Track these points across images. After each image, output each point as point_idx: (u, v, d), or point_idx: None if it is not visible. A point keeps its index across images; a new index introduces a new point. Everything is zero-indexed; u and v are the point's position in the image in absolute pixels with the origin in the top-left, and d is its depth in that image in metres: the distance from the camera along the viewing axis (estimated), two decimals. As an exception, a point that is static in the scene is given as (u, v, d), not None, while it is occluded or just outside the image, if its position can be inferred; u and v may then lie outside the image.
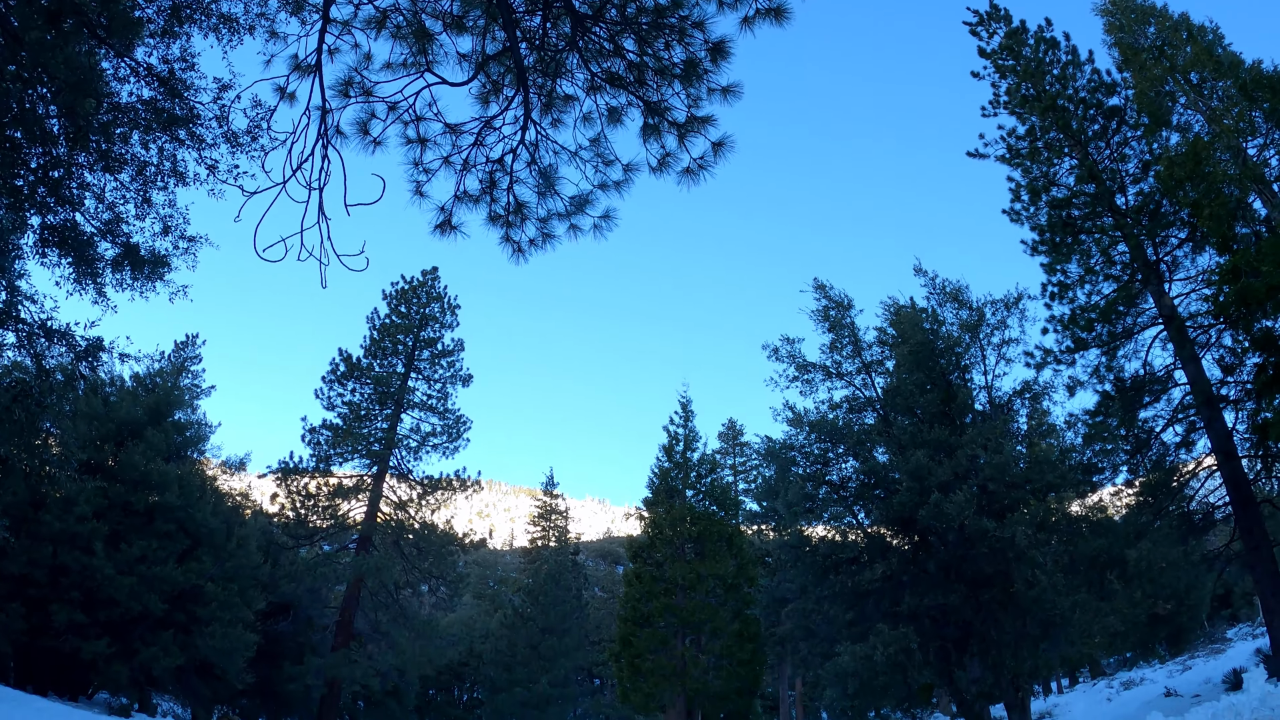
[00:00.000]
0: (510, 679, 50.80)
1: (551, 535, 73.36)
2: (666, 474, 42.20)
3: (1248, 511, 20.65)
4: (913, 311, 24.76)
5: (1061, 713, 33.00)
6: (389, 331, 38.21)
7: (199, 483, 28.27)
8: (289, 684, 31.02)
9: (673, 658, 38.02)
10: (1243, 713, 10.21)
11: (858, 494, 24.44)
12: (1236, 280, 17.73)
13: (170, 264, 14.92)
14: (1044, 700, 42.64)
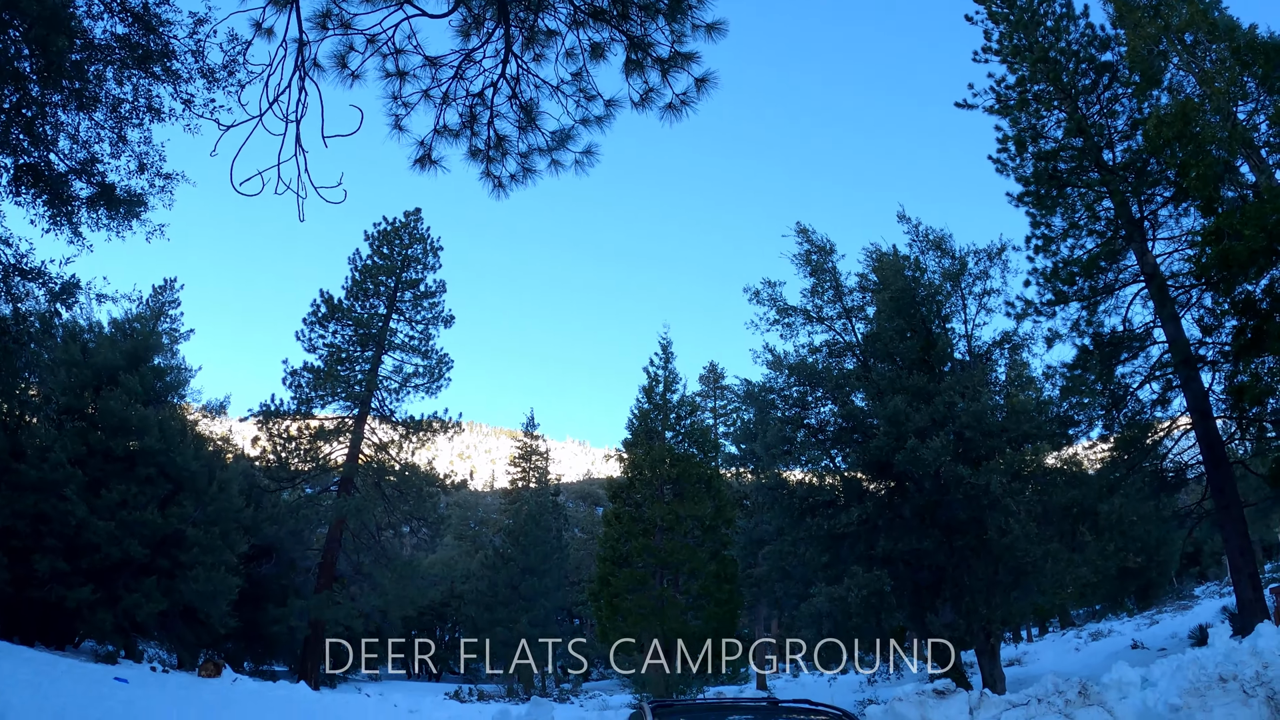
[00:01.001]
0: (491, 619, 51.37)
1: (532, 476, 73.74)
2: (646, 415, 42.38)
3: (1220, 471, 21.05)
4: (895, 259, 24.72)
5: (1031, 660, 33.73)
6: (371, 272, 37.97)
7: (179, 427, 28.10)
8: (273, 626, 31.26)
9: (651, 597, 38.52)
10: (1206, 666, 10.49)
11: (835, 438, 24.59)
12: (1219, 242, 17.83)
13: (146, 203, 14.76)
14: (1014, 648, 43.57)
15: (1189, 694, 10.16)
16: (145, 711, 13.44)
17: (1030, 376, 24.69)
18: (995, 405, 22.39)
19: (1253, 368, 18.87)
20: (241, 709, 16.52)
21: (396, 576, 35.64)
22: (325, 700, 21.55)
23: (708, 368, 61.89)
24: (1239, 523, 20.90)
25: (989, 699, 11.85)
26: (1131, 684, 11.99)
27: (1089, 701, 10.81)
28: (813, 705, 6.37)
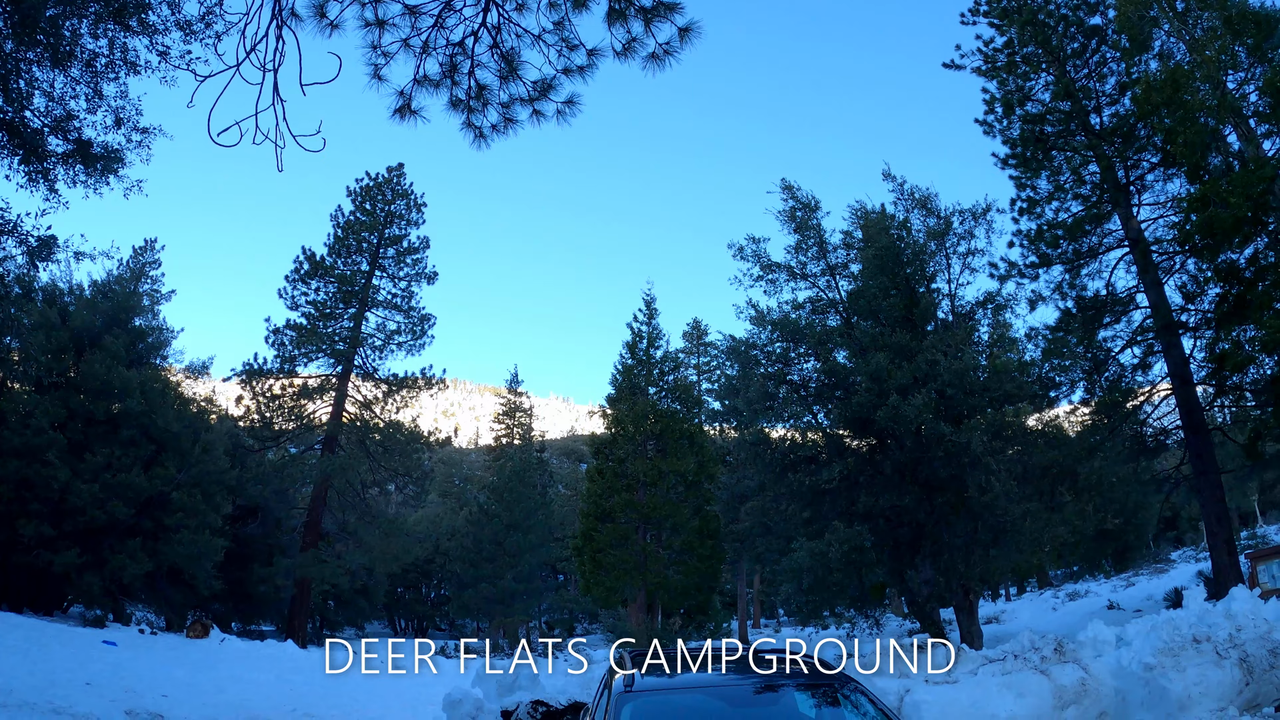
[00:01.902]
0: (476, 575, 51.61)
1: (516, 433, 73.86)
2: (630, 371, 42.42)
3: (1199, 437, 21.31)
4: (880, 217, 24.67)
5: (1009, 619, 34.31)
6: (353, 229, 37.67)
7: (162, 389, 28.08)
8: (259, 585, 31.41)
9: (634, 552, 38.77)
10: (1180, 627, 10.68)
11: (818, 394, 24.62)
12: (1204, 209, 17.87)
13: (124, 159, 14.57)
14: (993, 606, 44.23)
15: (1163, 654, 10.34)
16: (134, 673, 13.54)
17: (1013, 338, 24.78)
18: (977, 365, 22.44)
19: (1234, 335, 19.00)
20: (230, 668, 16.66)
21: (382, 534, 35.77)
22: (313, 657, 21.71)
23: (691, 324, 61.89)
24: (1216, 489, 21.20)
25: (966, 653, 12.03)
26: (1106, 643, 12.17)
27: (1064, 659, 10.99)
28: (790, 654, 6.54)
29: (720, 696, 5.73)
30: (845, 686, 5.56)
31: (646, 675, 5.74)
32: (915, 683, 10.99)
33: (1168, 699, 9.95)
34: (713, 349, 54.66)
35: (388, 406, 37.97)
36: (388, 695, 15.47)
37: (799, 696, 5.62)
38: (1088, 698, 10.38)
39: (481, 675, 11.20)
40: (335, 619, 48.11)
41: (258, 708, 11.70)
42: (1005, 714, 10.06)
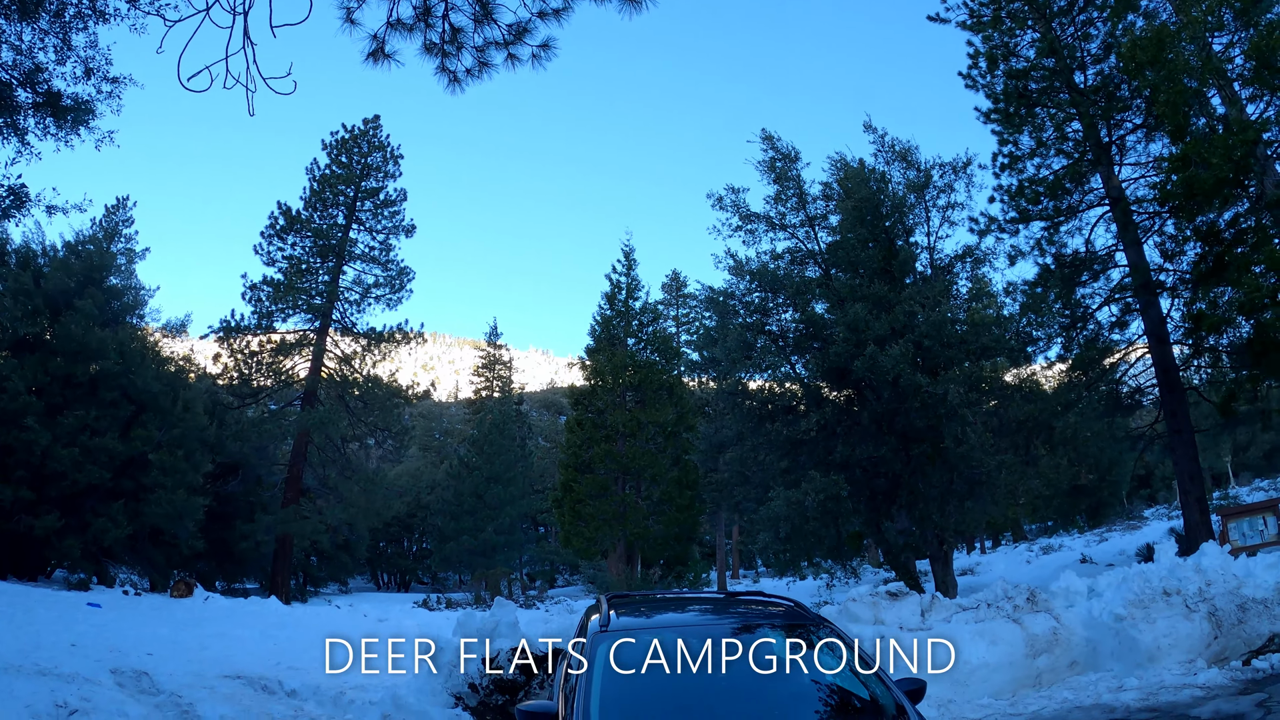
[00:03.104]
0: (457, 528, 51.91)
1: (495, 386, 73.84)
2: (608, 322, 42.47)
3: (1173, 396, 21.59)
4: (860, 169, 24.62)
5: (983, 570, 34.82)
6: (329, 182, 37.27)
7: (139, 349, 27.80)
8: (242, 543, 31.41)
9: (613, 503, 39.05)
10: (1151, 580, 10.90)
11: (796, 344, 24.65)
12: (1186, 169, 17.93)
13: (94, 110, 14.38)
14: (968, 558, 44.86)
15: (1133, 605, 10.57)
16: (119, 633, 13.63)
17: (991, 293, 24.88)
18: (955, 318, 22.56)
19: (1211, 296, 19.16)
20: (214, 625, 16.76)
21: (362, 489, 35.87)
22: (296, 613, 21.85)
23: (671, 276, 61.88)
24: (1190, 447, 21.53)
25: (940, 602, 12.26)
26: (1078, 593, 12.41)
27: (1037, 608, 11.21)
28: (766, 597, 6.64)
29: (695, 636, 5.81)
30: (821, 629, 5.66)
31: (622, 616, 5.82)
32: (890, 630, 11.19)
33: (1137, 649, 10.18)
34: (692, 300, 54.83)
35: (366, 361, 37.84)
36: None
37: (775, 638, 5.65)
38: (1059, 647, 10.61)
39: (463, 623, 11.34)
40: (318, 575, 48.30)
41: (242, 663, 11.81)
42: (978, 660, 10.28)
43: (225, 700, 9.05)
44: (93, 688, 8.31)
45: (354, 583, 57.65)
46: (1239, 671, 9.59)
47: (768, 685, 5.26)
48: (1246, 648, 10.25)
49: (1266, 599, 10.70)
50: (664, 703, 4.98)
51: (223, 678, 10.35)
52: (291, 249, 36.71)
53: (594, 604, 6.28)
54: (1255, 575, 11.47)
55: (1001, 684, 10.17)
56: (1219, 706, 8.35)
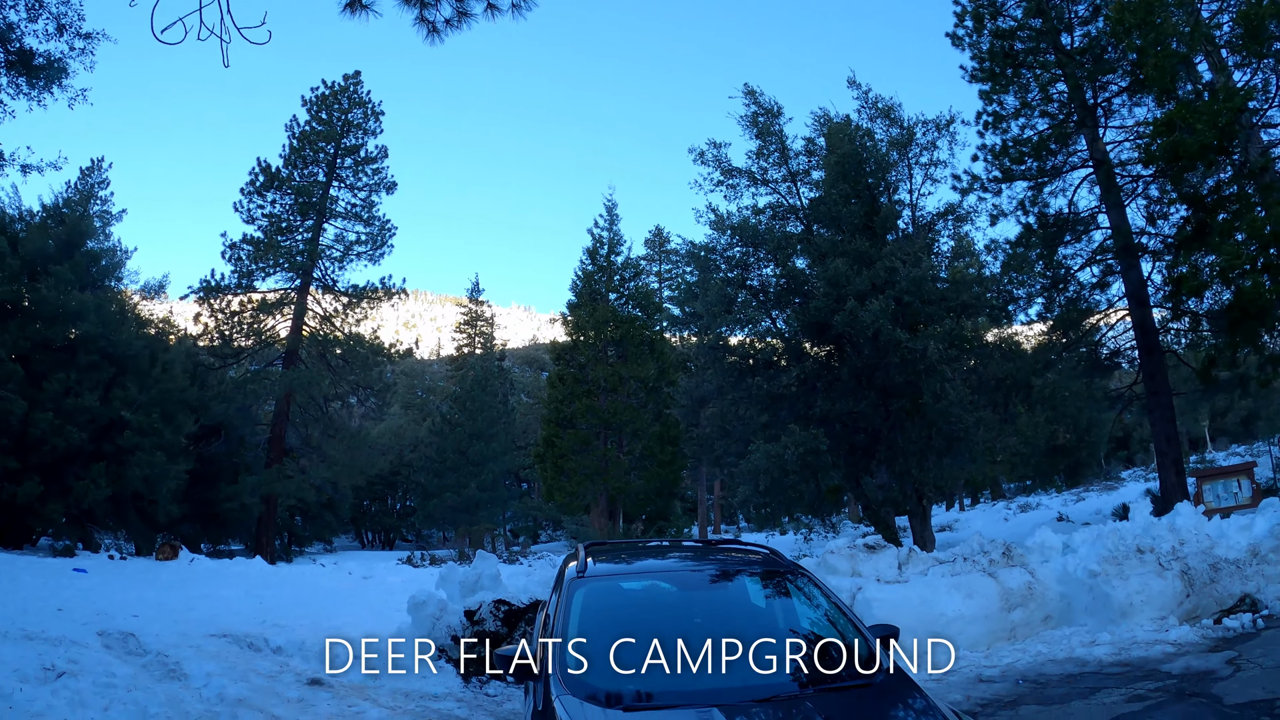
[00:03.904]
0: (440, 485, 52.01)
1: (478, 342, 73.80)
2: (590, 277, 42.54)
3: (1152, 359, 21.85)
4: (844, 125, 24.51)
5: (961, 527, 35.39)
6: (309, 139, 36.88)
7: (119, 311, 27.66)
8: (226, 505, 31.31)
9: (595, 458, 39.32)
10: (1125, 537, 11.06)
11: (777, 299, 24.62)
12: (1171, 134, 17.96)
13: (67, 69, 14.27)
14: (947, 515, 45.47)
15: (1107, 561, 10.74)
16: (105, 597, 13.69)
17: (973, 251, 24.93)
18: (936, 274, 22.62)
19: (1193, 261, 19.25)
20: (199, 586, 16.83)
21: (346, 447, 35.86)
22: (281, 573, 21.97)
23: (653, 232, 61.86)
24: (1167, 410, 21.81)
25: (917, 555, 12.42)
26: (1053, 549, 12.57)
27: (1012, 563, 11.38)
28: (742, 545, 6.73)
29: (672, 582, 5.86)
30: (796, 576, 5.73)
31: (599, 562, 5.90)
32: (867, 581, 11.34)
33: (1110, 605, 10.36)
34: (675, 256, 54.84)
35: (348, 319, 37.72)
36: (356, 605, 15.73)
37: (750, 584, 5.78)
38: (1033, 601, 10.78)
39: (445, 577, 11.45)
40: (303, 534, 48.39)
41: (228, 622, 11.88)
42: (954, 613, 10.43)
43: (211, 658, 9.16)
44: (80, 650, 8.40)
45: (339, 541, 57.78)
46: (1210, 630, 9.74)
47: (743, 629, 5.33)
48: (1218, 607, 10.42)
49: (1239, 560, 10.87)
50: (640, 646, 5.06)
51: (209, 637, 10.44)
52: (272, 207, 36.39)
53: (572, 552, 6.34)
54: (1228, 536, 11.65)
55: (976, 636, 10.33)
56: (1190, 663, 8.49)
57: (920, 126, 23.79)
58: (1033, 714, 7.45)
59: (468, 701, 8.53)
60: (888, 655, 4.87)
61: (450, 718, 7.80)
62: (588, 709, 4.06)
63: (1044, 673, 8.94)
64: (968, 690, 8.49)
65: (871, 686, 4.49)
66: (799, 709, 4.09)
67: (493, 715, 8.08)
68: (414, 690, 8.68)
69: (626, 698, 4.19)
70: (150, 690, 7.54)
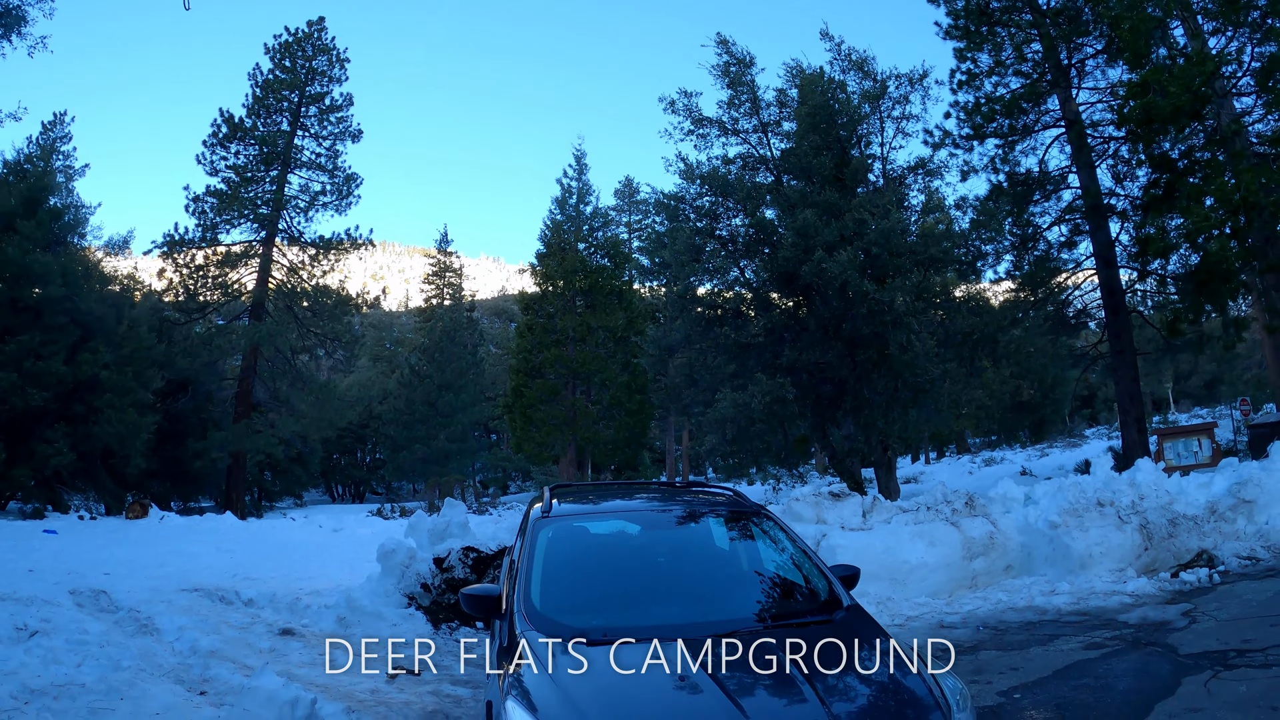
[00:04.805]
0: (410, 436, 52.03)
1: (446, 294, 73.40)
2: (559, 227, 42.46)
3: (1118, 318, 22.23)
4: (816, 77, 24.38)
5: (927, 480, 35.91)
6: (272, 88, 36.13)
7: (83, 270, 27.22)
8: (195, 461, 31.14)
9: (563, 407, 39.46)
10: (1086, 490, 11.27)
11: (745, 249, 24.54)
12: (1144, 96, 18.03)
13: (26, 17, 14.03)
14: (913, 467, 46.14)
15: (1068, 513, 10.95)
16: (75, 557, 13.67)
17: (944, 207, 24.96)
18: (905, 228, 22.66)
19: (1160, 222, 19.45)
20: (170, 544, 16.79)
21: (314, 400, 35.65)
22: (252, 528, 21.95)
23: (623, 183, 61.66)
24: (1131, 369, 22.22)
25: (881, 503, 12.63)
26: (1015, 500, 12.82)
27: (975, 513, 11.58)
28: (706, 486, 6.81)
29: (637, 521, 5.91)
30: (759, 517, 5.80)
31: (564, 503, 5.95)
32: (832, 529, 11.51)
33: (1070, 556, 10.58)
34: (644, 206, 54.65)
35: (315, 271, 37.27)
36: (326, 557, 15.81)
37: (714, 524, 5.84)
38: (995, 550, 10.99)
39: (414, 526, 11.53)
40: (273, 489, 48.36)
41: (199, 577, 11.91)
42: (917, 560, 10.61)
43: (183, 612, 9.21)
44: (52, 609, 8.43)
45: (309, 496, 57.75)
46: (1167, 583, 9.94)
47: (706, 567, 5.42)
48: (1175, 561, 10.65)
49: (1197, 516, 11.12)
50: (604, 583, 5.12)
51: (180, 591, 10.48)
52: (235, 158, 35.65)
53: (538, 495, 6.39)
54: (1187, 493, 11.93)
55: (938, 584, 10.52)
56: (1146, 613, 8.69)
57: (893, 80, 23.71)
58: (992, 659, 7.62)
59: (438, 648, 8.64)
60: (848, 594, 4.99)
61: (421, 664, 7.91)
62: (552, 644, 4.13)
63: (1004, 620, 9.15)
64: (929, 636, 8.68)
65: (831, 622, 4.60)
66: (758, 642, 4.16)
67: (463, 661, 8.20)
68: (384, 638, 8.78)
69: (590, 633, 4.25)
70: (123, 645, 7.58)
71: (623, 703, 3.54)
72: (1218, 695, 5.95)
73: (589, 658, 3.99)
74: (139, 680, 6.59)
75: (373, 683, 7.16)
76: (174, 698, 6.29)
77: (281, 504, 48.75)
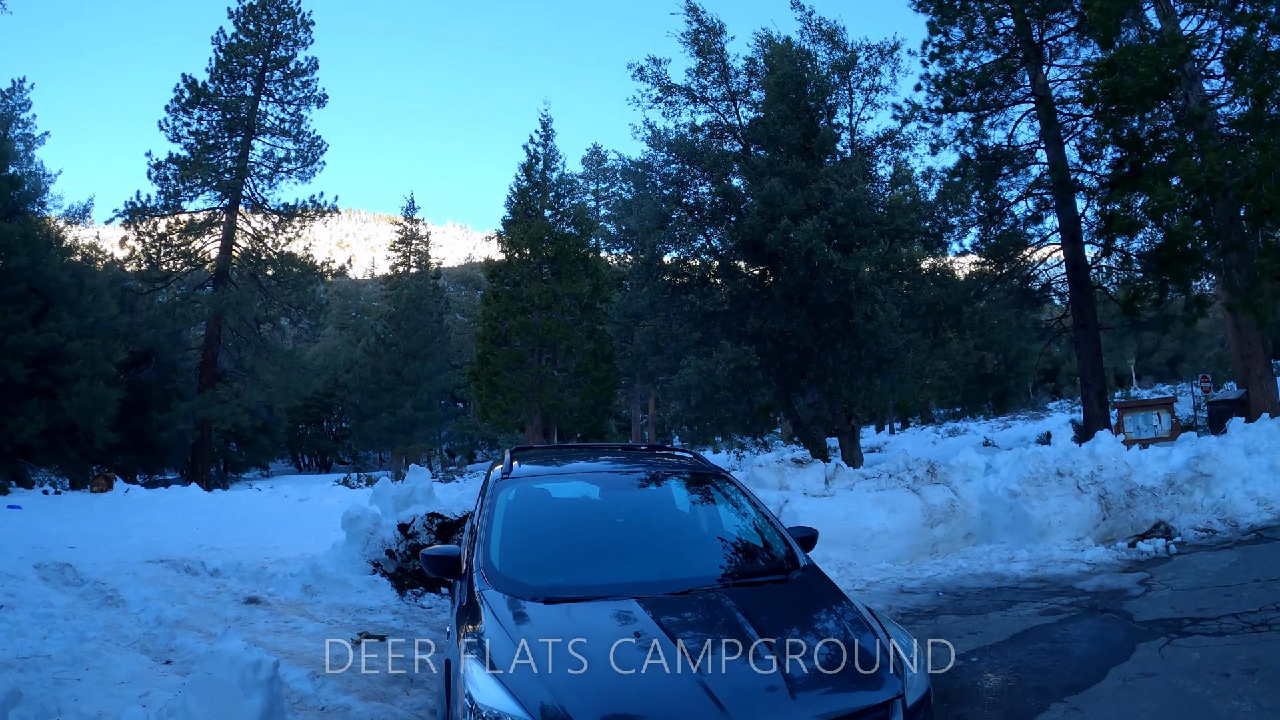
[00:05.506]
0: (376, 405, 51.87)
1: (413, 261, 72.90)
2: (525, 194, 42.21)
3: (1081, 293, 22.56)
4: (786, 46, 24.28)
5: (890, 449, 36.23)
6: (236, 52, 35.53)
7: (44, 239, 26.74)
8: (160, 433, 30.85)
9: (529, 375, 39.41)
10: (1046, 460, 11.44)
11: (711, 217, 24.45)
12: (1112, 75, 18.17)
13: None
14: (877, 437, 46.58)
15: (1028, 483, 11.12)
16: (40, 531, 13.60)
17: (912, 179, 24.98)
18: (872, 199, 22.66)
19: (1126, 200, 19.67)
20: (135, 516, 16.70)
21: (279, 369, 35.40)
22: (218, 499, 21.85)
23: (591, 150, 61.46)
24: (1094, 343, 22.61)
25: (844, 470, 12.74)
26: (976, 469, 12.98)
27: (936, 480, 11.73)
28: (667, 449, 6.89)
29: (597, 483, 5.97)
30: (722, 482, 5.87)
31: (524, 464, 5.97)
32: (794, 495, 11.60)
33: (1029, 525, 10.76)
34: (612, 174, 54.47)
35: (280, 238, 36.90)
36: (292, 526, 15.77)
37: (675, 486, 5.90)
38: (956, 518, 11.14)
39: (379, 493, 11.54)
40: (238, 460, 48.14)
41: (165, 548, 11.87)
42: (878, 526, 10.73)
43: (149, 583, 9.21)
44: (17, 583, 8.42)
45: (275, 466, 57.53)
46: (1124, 552, 10.12)
47: (665, 528, 5.50)
48: (1133, 531, 10.85)
49: (1155, 488, 11.35)
50: (563, 543, 5.17)
51: (146, 563, 10.48)
52: (198, 124, 35.16)
53: (499, 457, 6.43)
54: (1146, 466, 12.18)
55: (900, 550, 10.66)
56: (1103, 581, 8.86)
57: (864, 51, 23.59)
58: (951, 624, 7.76)
59: (403, 614, 8.68)
60: (805, 555, 5.08)
61: (386, 629, 7.95)
62: (510, 602, 4.18)
63: (964, 586, 9.32)
64: (889, 600, 8.84)
65: (787, 582, 4.71)
66: (714, 601, 4.25)
67: (428, 626, 8.26)
68: (349, 605, 8.81)
69: (548, 592, 4.31)
70: (89, 617, 7.60)
71: (579, 659, 3.58)
72: (1171, 661, 6.10)
73: (546, 616, 4.06)
74: (104, 651, 6.62)
75: (338, 649, 7.21)
76: (139, 667, 6.33)
77: (247, 475, 48.55)
